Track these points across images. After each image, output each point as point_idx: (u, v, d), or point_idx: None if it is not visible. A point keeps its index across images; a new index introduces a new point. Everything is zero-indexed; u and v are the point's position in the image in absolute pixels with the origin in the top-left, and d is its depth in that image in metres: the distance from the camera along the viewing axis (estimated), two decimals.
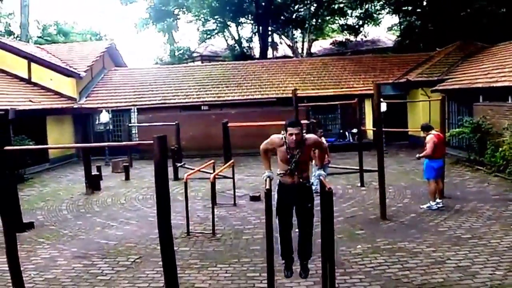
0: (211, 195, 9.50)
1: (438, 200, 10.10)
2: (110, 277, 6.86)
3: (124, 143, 18.71)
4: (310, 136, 5.75)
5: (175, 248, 7.94)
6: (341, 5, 34.38)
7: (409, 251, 7.37)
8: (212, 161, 11.98)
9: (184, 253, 7.78)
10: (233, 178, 11.74)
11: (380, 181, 9.62)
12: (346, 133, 21.23)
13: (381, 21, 38.05)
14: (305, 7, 34.31)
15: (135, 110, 21.51)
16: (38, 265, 7.49)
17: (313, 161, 7.57)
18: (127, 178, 15.85)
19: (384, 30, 41.64)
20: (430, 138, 10.13)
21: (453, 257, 7.01)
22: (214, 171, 11.01)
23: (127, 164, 16.73)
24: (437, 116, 19.51)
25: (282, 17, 33.35)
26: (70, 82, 21.65)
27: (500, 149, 13.67)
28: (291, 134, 5.44)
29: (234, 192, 11.63)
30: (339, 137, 21.16)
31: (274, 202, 5.62)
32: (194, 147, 19.86)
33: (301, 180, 5.60)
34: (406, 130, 19.69)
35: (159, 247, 8.02)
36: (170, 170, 16.28)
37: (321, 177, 5.69)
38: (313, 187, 9.60)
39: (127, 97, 22.14)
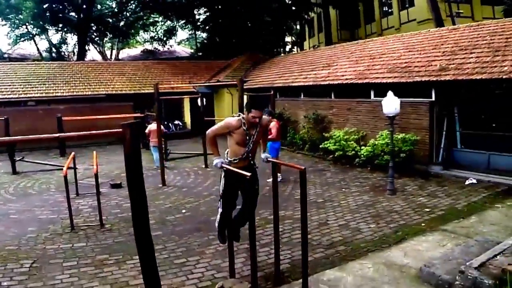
0: (96, 186, 7.41)
1: (278, 174, 9.95)
2: None
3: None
4: (264, 117, 4.68)
5: (68, 245, 5.94)
6: (153, 20, 32.59)
7: (293, 218, 6.88)
8: (73, 154, 9.57)
9: (84, 249, 5.76)
10: (96, 167, 9.50)
11: None
12: (170, 124, 19.94)
13: (176, 35, 37.11)
14: (120, 20, 31.23)
15: None
16: None
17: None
18: None
19: (175, 43, 40.60)
20: (273, 125, 9.82)
21: (329, 218, 6.78)
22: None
23: None
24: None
25: (99, 26, 29.76)
26: None
27: (300, 132, 14.51)
28: (254, 117, 4.33)
29: (97, 181, 9.38)
30: (165, 128, 19.78)
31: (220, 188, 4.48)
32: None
33: (251, 161, 4.57)
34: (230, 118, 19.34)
35: (50, 247, 5.92)
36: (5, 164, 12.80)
37: (269, 159, 4.76)
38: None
39: None
